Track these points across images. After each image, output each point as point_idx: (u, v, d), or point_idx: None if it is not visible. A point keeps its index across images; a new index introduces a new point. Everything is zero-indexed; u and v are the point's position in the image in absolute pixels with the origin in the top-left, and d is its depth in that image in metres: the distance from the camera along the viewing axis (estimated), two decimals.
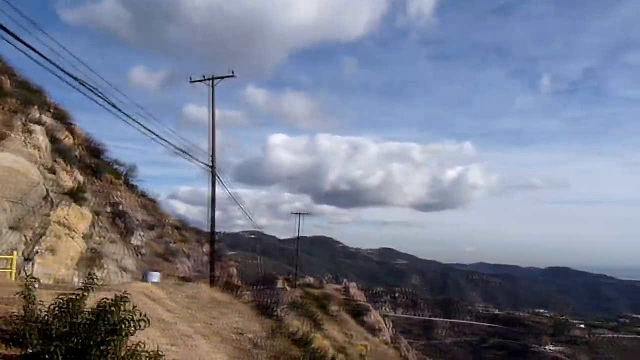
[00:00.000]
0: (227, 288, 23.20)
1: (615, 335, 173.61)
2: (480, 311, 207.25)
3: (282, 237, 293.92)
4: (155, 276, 20.63)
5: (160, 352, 5.68)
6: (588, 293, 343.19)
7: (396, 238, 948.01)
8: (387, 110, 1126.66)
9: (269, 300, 21.57)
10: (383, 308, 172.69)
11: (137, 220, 31.93)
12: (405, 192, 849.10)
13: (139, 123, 17.23)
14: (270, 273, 75.26)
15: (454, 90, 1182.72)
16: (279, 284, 55.29)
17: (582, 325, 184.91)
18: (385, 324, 63.70)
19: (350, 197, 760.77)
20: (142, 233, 31.46)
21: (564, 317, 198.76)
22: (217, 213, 26.46)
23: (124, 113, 15.75)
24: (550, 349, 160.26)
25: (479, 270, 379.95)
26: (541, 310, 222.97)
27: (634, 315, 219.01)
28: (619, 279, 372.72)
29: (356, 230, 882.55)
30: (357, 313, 56.59)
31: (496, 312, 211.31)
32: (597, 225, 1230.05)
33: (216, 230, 28.21)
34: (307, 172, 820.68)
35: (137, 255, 29.21)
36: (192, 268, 34.08)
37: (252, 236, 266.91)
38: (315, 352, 17.04)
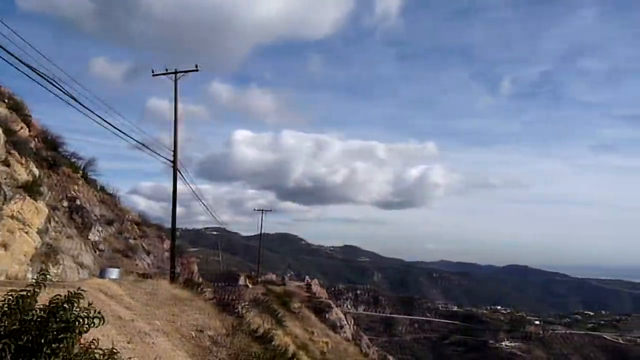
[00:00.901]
0: (188, 285, 22.89)
1: (568, 332, 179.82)
2: (441, 308, 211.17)
3: (245, 234, 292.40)
4: (114, 273, 20.20)
5: (115, 350, 5.55)
6: (543, 290, 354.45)
7: (359, 236, 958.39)
8: (351, 108, 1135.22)
9: (230, 297, 21.40)
10: (345, 305, 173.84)
11: (96, 215, 31.15)
12: (369, 190, 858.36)
13: (99, 116, 16.85)
14: (232, 270, 74.61)
15: (418, 91, 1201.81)
16: (241, 281, 54.84)
17: (537, 322, 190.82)
18: (347, 321, 64.09)
19: (314, 194, 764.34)
20: (100, 228, 30.71)
21: (520, 314, 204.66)
22: (179, 209, 26.15)
23: (82, 105, 15.36)
24: (506, 345, 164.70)
25: (441, 267, 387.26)
26: (499, 307, 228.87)
27: (586, 312, 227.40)
28: (572, 277, 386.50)
29: (320, 227, 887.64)
30: (319, 310, 56.75)
31: (456, 309, 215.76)
32: (553, 225, 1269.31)
33: (178, 226, 27.88)
34: (271, 168, 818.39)
35: (95, 251, 28.50)
36: (152, 264, 33.51)
37: (215, 233, 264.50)
38: (276, 349, 17.02)
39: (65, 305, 5.25)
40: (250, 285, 54.40)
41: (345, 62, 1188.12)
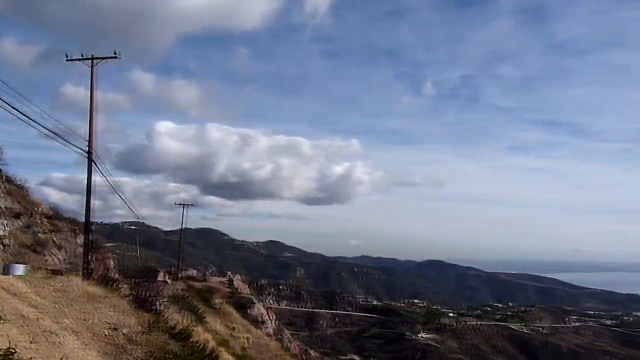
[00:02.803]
0: (103, 281, 21.94)
1: (479, 323, 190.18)
2: (361, 302, 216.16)
3: (166, 229, 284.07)
4: (19, 269, 18.96)
5: (12, 350, 5.20)
6: (457, 284, 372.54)
7: (283, 231, 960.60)
8: (277, 103, 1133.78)
9: (148, 294, 20.72)
10: (267, 300, 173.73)
11: (1, 207, 29.14)
12: (294, 186, 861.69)
13: (5, 101, 15.72)
14: (151, 266, 72.31)
15: (344, 88, 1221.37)
16: (160, 277, 53.23)
17: (451, 314, 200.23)
18: (269, 316, 64.05)
19: (238, 189, 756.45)
20: (6, 222, 28.75)
21: (435, 307, 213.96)
22: (95, 202, 25.00)
23: None
24: (422, 337, 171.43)
25: (362, 263, 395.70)
26: (416, 301, 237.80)
27: (495, 304, 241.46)
28: (484, 271, 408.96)
29: (243, 222, 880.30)
30: (241, 306, 56.32)
31: (375, 303, 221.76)
32: (468, 222, 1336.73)
33: (94, 220, 26.67)
34: (194, 162, 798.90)
35: (0, 246, 26.67)
36: (64, 260, 31.82)
37: (133, 227, 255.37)
38: (194, 346, 16.71)
39: None
40: (169, 281, 52.98)
41: (273, 57, 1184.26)
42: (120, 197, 29.20)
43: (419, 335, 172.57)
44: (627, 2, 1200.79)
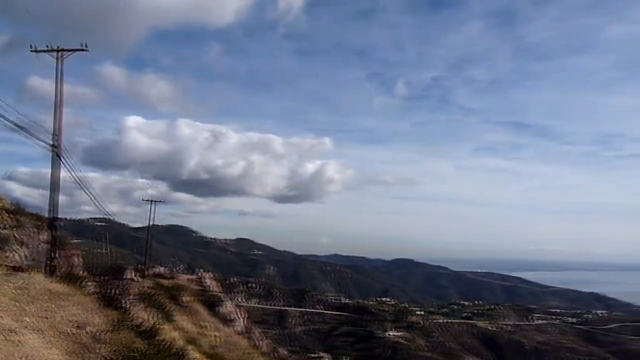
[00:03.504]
0: (68, 279, 21.42)
1: (447, 321, 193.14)
2: (331, 300, 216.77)
3: (134, 226, 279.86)
4: None
5: None
6: (426, 282, 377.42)
7: (253, 229, 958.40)
8: (249, 100, 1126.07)
9: (114, 291, 20.32)
10: (238, 298, 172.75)
11: None
12: (265, 184, 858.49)
13: None
14: (119, 263, 70.96)
15: (316, 86, 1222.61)
16: (128, 274, 52.32)
17: (420, 312, 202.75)
18: (239, 314, 63.62)
19: (208, 186, 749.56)
20: None
21: (404, 305, 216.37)
22: (61, 198, 24.42)
23: None
24: (391, 335, 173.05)
25: (333, 261, 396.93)
26: (385, 299, 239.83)
27: (462, 302, 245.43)
28: (452, 270, 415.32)
29: (213, 219, 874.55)
30: (211, 304, 55.79)
31: (346, 301, 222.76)
32: (437, 221, 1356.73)
33: (60, 216, 26.05)
34: (164, 158, 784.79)
35: None
36: (27, 257, 30.97)
37: (101, 224, 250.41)
38: (161, 344, 16.43)
39: None
40: (137, 279, 52.14)
41: (245, 53, 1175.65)
42: (86, 192, 28.55)
43: (389, 333, 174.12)
44: (592, 8, 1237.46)
